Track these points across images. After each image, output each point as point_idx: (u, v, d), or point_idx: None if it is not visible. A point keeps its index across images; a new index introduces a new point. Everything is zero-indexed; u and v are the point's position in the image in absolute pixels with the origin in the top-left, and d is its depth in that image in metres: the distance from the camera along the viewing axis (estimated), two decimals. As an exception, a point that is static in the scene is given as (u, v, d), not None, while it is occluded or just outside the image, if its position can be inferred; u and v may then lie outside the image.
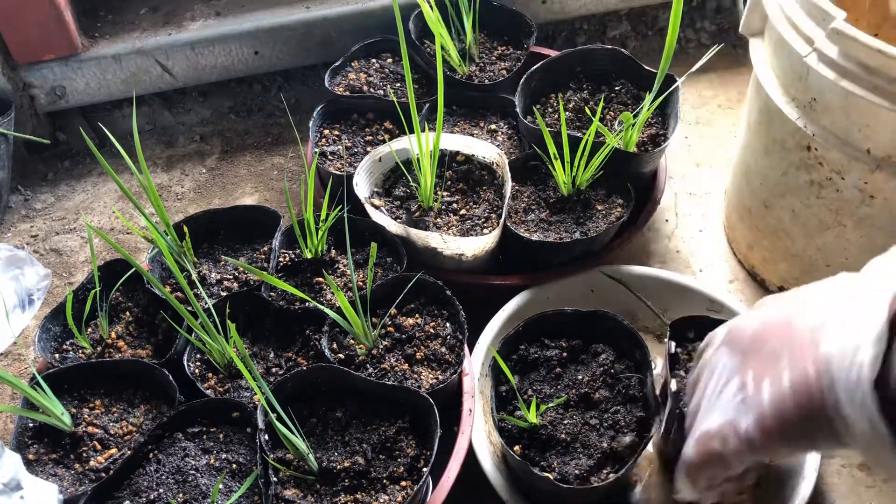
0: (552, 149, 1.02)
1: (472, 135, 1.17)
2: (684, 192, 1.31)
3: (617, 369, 0.89)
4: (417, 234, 0.99)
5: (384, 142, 1.14)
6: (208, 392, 0.89)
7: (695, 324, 0.93)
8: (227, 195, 1.35)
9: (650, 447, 0.94)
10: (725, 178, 1.28)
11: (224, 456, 0.83)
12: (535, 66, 1.17)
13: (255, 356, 0.94)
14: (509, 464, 0.87)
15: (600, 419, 0.86)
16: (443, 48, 1.19)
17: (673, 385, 0.86)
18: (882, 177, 0.87)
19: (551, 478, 0.80)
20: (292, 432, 0.78)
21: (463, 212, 1.06)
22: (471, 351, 0.96)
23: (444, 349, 0.91)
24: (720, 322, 0.93)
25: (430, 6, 1.10)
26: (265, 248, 1.04)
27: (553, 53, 1.20)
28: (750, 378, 0.56)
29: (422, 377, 0.88)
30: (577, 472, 0.81)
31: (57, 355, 0.94)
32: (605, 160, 1.02)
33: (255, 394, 0.88)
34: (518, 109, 1.13)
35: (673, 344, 0.90)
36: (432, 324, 0.93)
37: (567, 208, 1.07)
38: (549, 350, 0.92)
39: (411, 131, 1.06)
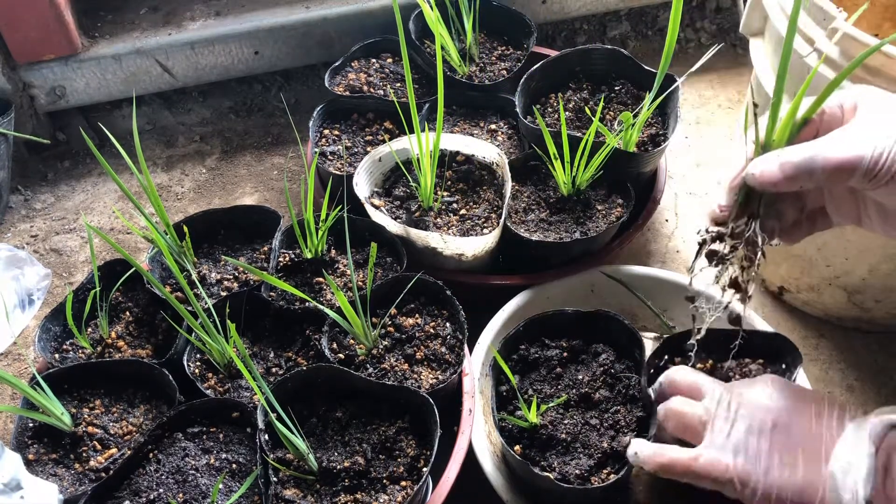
0: (552, 149, 1.02)
1: (472, 135, 1.17)
2: (684, 192, 1.31)
3: (617, 369, 0.89)
4: (417, 234, 0.99)
5: (384, 142, 1.14)
6: (208, 392, 0.89)
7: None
8: (227, 195, 1.35)
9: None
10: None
11: (224, 456, 0.83)
12: (535, 67, 1.17)
13: (255, 356, 0.94)
14: (509, 464, 0.87)
15: (600, 419, 0.86)
16: (443, 48, 1.19)
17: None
18: (882, 177, 0.87)
19: (552, 477, 0.80)
20: (292, 432, 0.78)
21: (463, 212, 1.06)
22: (471, 351, 0.95)
23: (444, 349, 0.91)
24: (724, 331, 0.91)
25: (430, 6, 1.10)
26: (265, 248, 1.04)
27: (553, 53, 1.20)
28: (775, 453, 0.69)
29: (422, 377, 0.88)
30: (577, 471, 0.81)
31: (57, 355, 0.94)
32: (605, 160, 1.02)
33: (255, 394, 0.88)
34: (518, 109, 1.13)
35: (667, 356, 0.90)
36: (432, 324, 0.93)
37: (567, 208, 1.07)
38: (550, 350, 0.92)
39: (411, 131, 1.06)
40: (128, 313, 0.98)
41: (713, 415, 0.73)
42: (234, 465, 0.83)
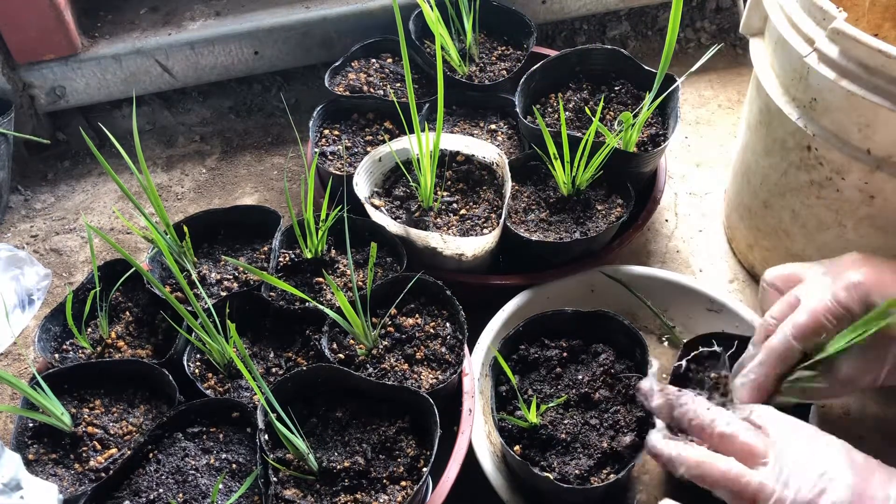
0: (552, 149, 1.02)
1: (472, 135, 1.17)
2: (684, 192, 1.31)
3: (617, 369, 0.89)
4: (417, 234, 0.99)
5: (384, 142, 1.14)
6: (208, 392, 0.89)
7: (707, 339, 0.91)
8: (227, 195, 1.35)
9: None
10: (725, 178, 1.28)
11: (224, 456, 0.83)
12: (535, 67, 1.17)
13: (255, 356, 0.94)
14: (509, 464, 0.87)
15: (600, 419, 0.86)
16: (443, 48, 1.19)
17: None
18: (882, 177, 0.87)
19: (551, 477, 0.80)
20: (292, 432, 0.78)
21: (463, 212, 1.06)
22: (471, 351, 0.95)
23: (444, 349, 0.91)
24: (734, 336, 0.90)
25: (430, 6, 1.10)
26: (265, 248, 1.04)
27: (553, 53, 1.20)
28: None
29: (422, 377, 0.88)
30: (577, 471, 0.81)
31: (57, 355, 0.94)
32: (605, 160, 1.02)
33: (255, 394, 0.88)
34: (518, 109, 1.13)
35: (683, 363, 0.89)
36: (432, 324, 0.93)
37: (567, 208, 1.07)
38: (549, 350, 0.92)
39: (411, 131, 1.06)
40: (128, 313, 0.98)
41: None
42: (234, 465, 0.83)
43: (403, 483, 0.80)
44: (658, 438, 0.77)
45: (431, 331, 0.93)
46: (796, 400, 0.79)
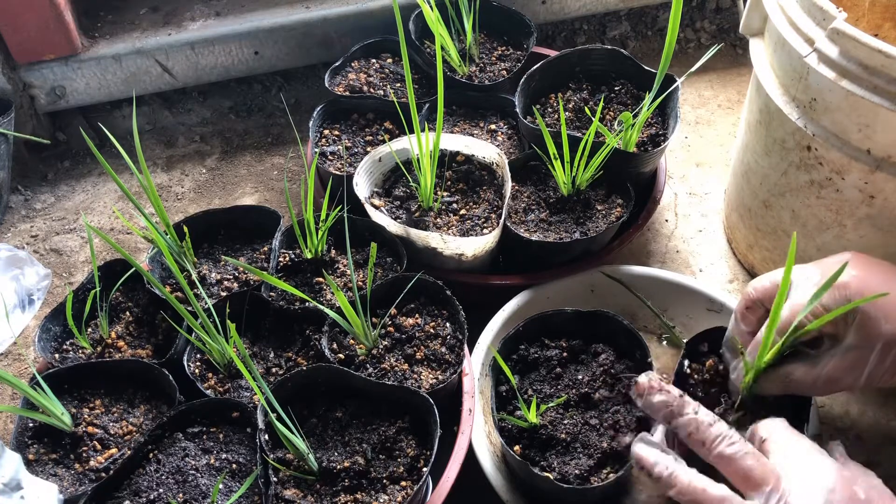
0: (552, 149, 1.02)
1: (472, 135, 1.17)
2: (684, 192, 1.31)
3: (617, 369, 0.89)
4: (417, 234, 0.99)
5: (384, 142, 1.14)
6: (208, 392, 0.89)
7: (708, 336, 0.91)
8: (227, 195, 1.35)
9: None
10: (725, 178, 1.28)
11: (224, 456, 0.83)
12: (535, 67, 1.17)
13: (255, 356, 0.94)
14: (509, 463, 0.88)
15: (600, 419, 0.86)
16: (443, 48, 1.19)
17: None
18: (882, 177, 0.87)
19: (551, 477, 0.80)
20: (292, 432, 0.78)
21: (463, 212, 1.06)
22: (471, 351, 0.96)
23: (443, 349, 0.91)
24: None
25: (430, 6, 1.10)
26: (265, 248, 1.04)
27: (553, 53, 1.20)
28: None
29: (422, 377, 0.88)
30: (577, 471, 0.81)
31: (57, 355, 0.94)
32: (605, 160, 1.02)
33: (255, 394, 0.88)
34: (518, 109, 1.13)
35: (686, 362, 0.89)
36: (432, 324, 0.93)
37: (567, 208, 1.07)
38: (549, 350, 0.92)
39: (411, 131, 1.06)
40: (128, 313, 0.98)
41: None
42: (234, 465, 0.83)
43: (403, 483, 0.80)
44: (644, 448, 0.72)
45: (431, 331, 0.93)
46: (778, 392, 0.79)
